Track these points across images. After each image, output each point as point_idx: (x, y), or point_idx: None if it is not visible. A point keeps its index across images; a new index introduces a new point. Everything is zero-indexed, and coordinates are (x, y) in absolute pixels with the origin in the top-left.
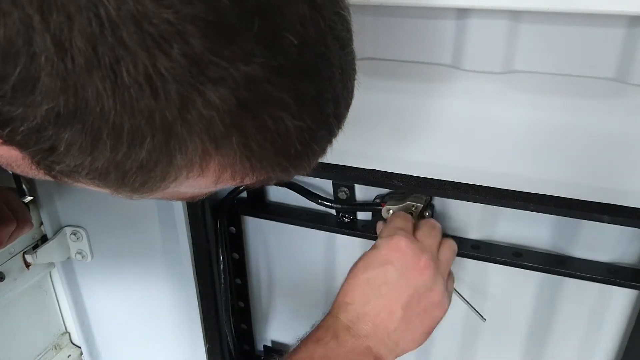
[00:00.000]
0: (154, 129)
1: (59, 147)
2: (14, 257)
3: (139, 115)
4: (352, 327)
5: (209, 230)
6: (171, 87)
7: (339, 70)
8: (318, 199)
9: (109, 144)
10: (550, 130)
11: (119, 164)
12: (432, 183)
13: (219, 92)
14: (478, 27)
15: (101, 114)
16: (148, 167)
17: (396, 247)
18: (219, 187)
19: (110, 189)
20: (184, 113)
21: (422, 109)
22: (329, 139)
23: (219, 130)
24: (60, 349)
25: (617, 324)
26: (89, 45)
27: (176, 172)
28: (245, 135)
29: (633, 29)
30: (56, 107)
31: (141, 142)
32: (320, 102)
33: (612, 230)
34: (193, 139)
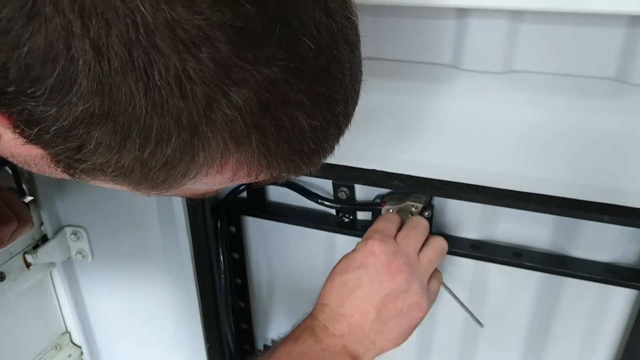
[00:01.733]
0: (181, 128)
1: (87, 145)
2: (14, 257)
3: (168, 115)
4: (329, 327)
5: (209, 230)
6: (198, 89)
7: (349, 73)
8: (318, 198)
9: (138, 142)
10: (550, 130)
11: (145, 162)
12: (432, 183)
13: (242, 94)
14: (478, 27)
15: (132, 113)
16: (172, 164)
17: (369, 250)
18: (234, 183)
19: (131, 186)
20: (209, 113)
21: (422, 109)
22: (338, 138)
23: (241, 129)
24: (61, 349)
25: (617, 324)
26: (125, 50)
27: (197, 169)
28: (264, 134)
29: (633, 29)
30: (91, 108)
31: (168, 140)
32: (331, 102)
33: (612, 230)
34: (216, 137)
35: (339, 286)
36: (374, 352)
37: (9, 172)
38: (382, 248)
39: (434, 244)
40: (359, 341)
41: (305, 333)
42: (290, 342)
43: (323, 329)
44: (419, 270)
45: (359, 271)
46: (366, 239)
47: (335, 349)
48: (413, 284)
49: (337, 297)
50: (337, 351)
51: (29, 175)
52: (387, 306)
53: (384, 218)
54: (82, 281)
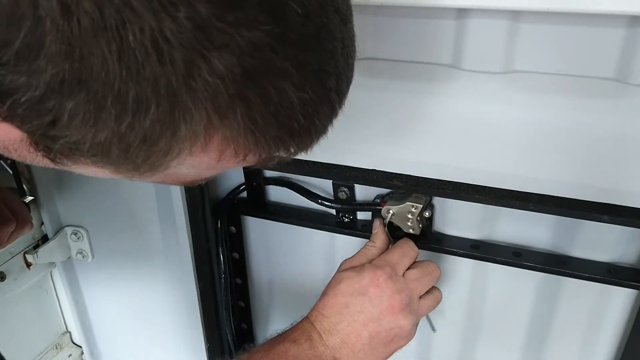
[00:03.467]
0: (159, 97)
1: (61, 118)
2: (14, 257)
3: (145, 82)
4: (324, 337)
5: (209, 230)
6: (177, 53)
7: (340, 44)
8: (318, 198)
9: (113, 113)
10: (550, 130)
11: (123, 136)
12: (432, 183)
13: (223, 59)
14: (478, 27)
15: (106, 80)
16: (152, 139)
17: (377, 282)
18: (221, 166)
19: (112, 167)
20: (189, 80)
21: (422, 108)
22: (331, 117)
23: (224, 100)
24: (61, 349)
25: (617, 324)
26: (96, 8)
27: (180, 146)
28: (249, 106)
29: (633, 29)
30: (60, 73)
31: (146, 111)
32: (322, 75)
33: (612, 230)
34: (198, 108)
35: (341, 306)
36: None
37: (9, 172)
38: (388, 283)
39: (436, 296)
40: (348, 357)
41: (303, 337)
42: (288, 342)
43: (318, 337)
44: (415, 311)
45: (363, 298)
46: (376, 267)
47: (327, 358)
48: (407, 321)
49: (337, 314)
50: (327, 359)
51: (29, 175)
52: (380, 334)
53: (402, 250)
54: (82, 281)
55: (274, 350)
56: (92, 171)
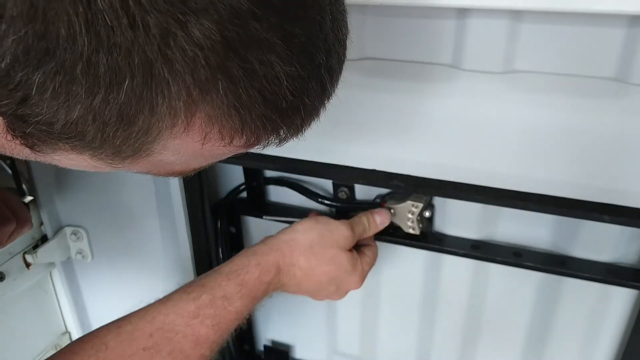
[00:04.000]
0: (133, 67)
1: (30, 93)
2: (14, 257)
3: (116, 51)
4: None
5: (209, 230)
6: (150, 17)
7: (329, 17)
8: (318, 198)
9: (84, 85)
10: (550, 130)
11: (97, 113)
12: (432, 183)
13: (202, 26)
14: (478, 27)
15: (74, 47)
16: (129, 116)
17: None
18: (208, 152)
19: (90, 152)
20: (164, 49)
21: (422, 108)
22: (322, 96)
23: (204, 72)
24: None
25: (617, 324)
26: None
27: (159, 124)
28: (232, 80)
29: (633, 29)
30: (24, 38)
31: (119, 83)
32: (310, 48)
33: (612, 230)
34: (176, 81)
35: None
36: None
37: (9, 172)
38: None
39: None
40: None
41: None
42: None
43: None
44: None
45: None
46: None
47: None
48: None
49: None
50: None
51: (28, 175)
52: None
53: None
54: (82, 281)
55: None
56: (72, 160)
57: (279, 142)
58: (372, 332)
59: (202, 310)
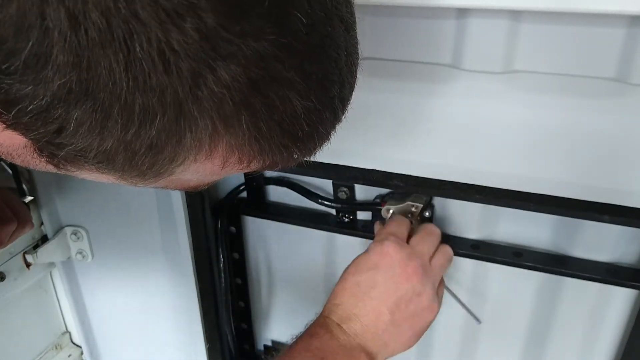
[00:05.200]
0: (165, 106)
1: (67, 127)
2: (14, 257)
3: (151, 92)
4: (343, 326)
5: (209, 230)
6: (183, 63)
7: (344, 53)
8: (318, 198)
9: (120, 122)
10: (550, 130)
11: (129, 144)
12: (432, 183)
13: (229, 69)
14: (478, 27)
15: (113, 90)
16: (158, 147)
17: (385, 252)
18: (225, 173)
19: (117, 174)
20: (195, 90)
21: (422, 108)
22: (334, 123)
23: (229, 108)
24: (61, 349)
25: (617, 324)
26: (103, 19)
27: (185, 154)
28: (255, 115)
29: (633, 29)
30: (68, 83)
31: (152, 120)
32: (326, 83)
33: (612, 230)
34: (203, 117)
35: (352, 286)
36: (385, 354)
37: (9, 172)
38: (397, 250)
39: (445, 251)
40: (373, 341)
41: (321, 330)
42: (307, 338)
43: (337, 327)
44: (431, 275)
45: (373, 272)
46: (381, 241)
47: (351, 346)
48: (426, 287)
49: (351, 297)
50: (353, 347)
51: (29, 175)
52: (400, 308)
53: (396, 221)
54: (82, 281)
55: (294, 348)
56: (95, 177)
57: (291, 163)
58: None
59: None
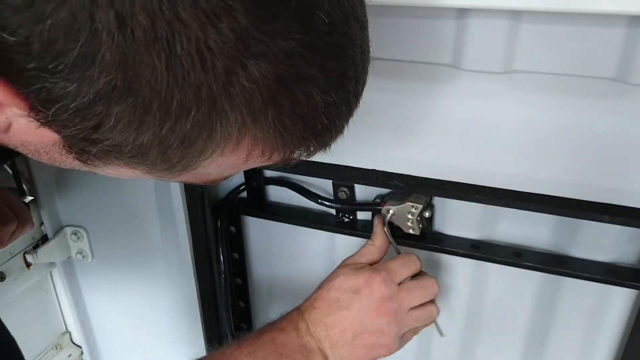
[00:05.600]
0: (200, 102)
1: (106, 123)
2: (14, 257)
3: (189, 89)
4: (311, 328)
5: (209, 230)
6: (218, 61)
7: (359, 50)
8: (318, 198)
9: (158, 117)
10: (550, 130)
11: (163, 139)
12: (432, 183)
13: (260, 67)
14: (478, 27)
15: (154, 87)
16: (190, 140)
17: (371, 283)
18: (247, 165)
19: (146, 168)
20: (228, 86)
21: (422, 108)
22: (348, 117)
23: (258, 104)
24: (61, 349)
25: (617, 324)
26: (149, 20)
27: (214, 147)
28: (280, 110)
29: (633, 29)
30: (113, 81)
31: (187, 115)
32: (344, 80)
33: (612, 230)
34: (234, 112)
35: (331, 299)
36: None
37: (9, 172)
38: (381, 288)
39: (429, 310)
40: (332, 350)
41: (290, 326)
42: (276, 331)
43: (305, 328)
44: (401, 322)
45: (353, 296)
46: (374, 270)
47: (312, 348)
48: (391, 330)
49: (327, 307)
50: (313, 350)
51: (29, 175)
52: (363, 336)
53: (404, 261)
54: (82, 281)
55: (261, 338)
56: (121, 172)
57: (307, 155)
58: None
59: None
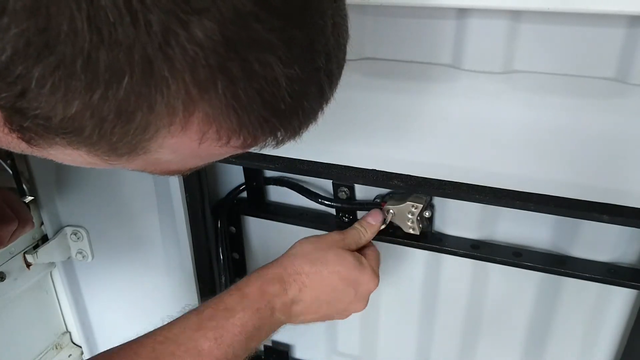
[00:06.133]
0: (133, 64)
1: (30, 87)
2: (14, 257)
3: (117, 48)
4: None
5: (209, 230)
6: (153, 17)
7: (331, 21)
8: (318, 198)
9: (84, 80)
10: (550, 130)
11: (95, 109)
12: (432, 183)
13: (203, 26)
14: (478, 27)
15: (75, 42)
16: (127, 113)
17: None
18: (204, 152)
19: (87, 148)
20: (165, 48)
21: (422, 108)
22: (320, 100)
23: (204, 71)
24: (61, 349)
25: (617, 324)
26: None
27: (157, 123)
28: (232, 80)
29: (633, 29)
30: (26, 32)
31: (119, 80)
32: (310, 52)
33: (612, 230)
34: (175, 79)
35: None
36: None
37: (9, 172)
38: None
39: None
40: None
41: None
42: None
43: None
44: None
45: (349, 290)
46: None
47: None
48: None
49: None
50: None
51: (29, 175)
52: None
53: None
54: (82, 281)
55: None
56: (68, 155)
57: (276, 144)
58: (371, 332)
59: (204, 323)
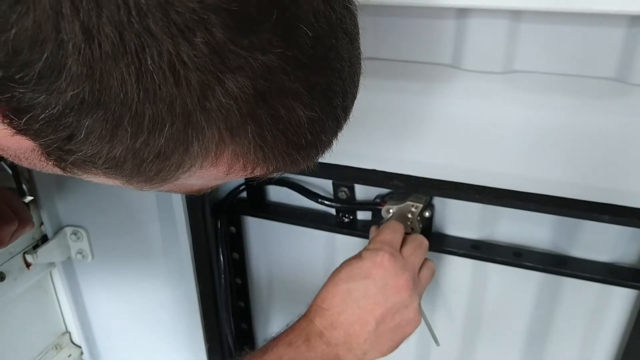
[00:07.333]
0: (174, 116)
1: (77, 135)
2: (14, 257)
3: (161, 103)
4: (325, 334)
5: (209, 230)
6: (193, 76)
7: (347, 64)
8: (318, 198)
9: (130, 131)
10: (550, 130)
11: (137, 152)
12: (432, 183)
13: (237, 81)
14: (478, 27)
15: (124, 100)
16: (165, 155)
17: (379, 263)
18: (229, 178)
19: (124, 179)
20: (203, 101)
21: (422, 108)
22: (336, 131)
23: (236, 119)
24: (61, 349)
25: (617, 324)
26: (117, 32)
27: (191, 161)
28: (260, 125)
29: (633, 29)
30: (80, 94)
31: (161, 129)
32: (329, 94)
33: (612, 230)
34: (211, 127)
35: (343, 292)
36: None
37: (9, 172)
38: (391, 262)
39: (430, 266)
40: (353, 351)
41: (299, 339)
42: (283, 346)
43: (318, 336)
44: (419, 288)
45: (366, 281)
46: (376, 250)
47: (328, 357)
48: (414, 301)
49: (340, 304)
50: (329, 359)
51: (29, 175)
52: (386, 319)
53: (391, 228)
54: (82, 281)
55: (265, 357)
56: (102, 180)
57: (294, 169)
58: None
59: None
